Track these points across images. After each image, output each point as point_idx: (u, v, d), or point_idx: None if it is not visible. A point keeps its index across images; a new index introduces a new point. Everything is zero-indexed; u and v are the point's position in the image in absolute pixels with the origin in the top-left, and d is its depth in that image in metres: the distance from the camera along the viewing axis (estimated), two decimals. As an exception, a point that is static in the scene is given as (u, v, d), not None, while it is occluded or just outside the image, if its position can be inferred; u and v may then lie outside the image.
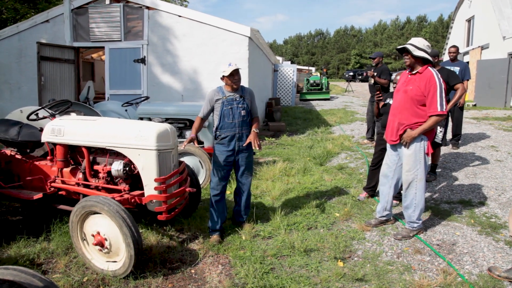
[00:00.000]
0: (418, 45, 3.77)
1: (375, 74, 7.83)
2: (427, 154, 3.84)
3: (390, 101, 4.76)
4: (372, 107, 8.19)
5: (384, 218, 4.28)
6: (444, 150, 7.28)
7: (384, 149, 4.72)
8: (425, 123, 3.73)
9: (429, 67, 3.78)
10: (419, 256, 3.62)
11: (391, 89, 5.13)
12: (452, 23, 23.09)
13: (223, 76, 3.86)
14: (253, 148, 3.93)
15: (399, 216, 4.50)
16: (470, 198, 5.04)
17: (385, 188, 4.20)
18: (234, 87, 3.89)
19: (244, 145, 3.95)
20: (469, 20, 20.38)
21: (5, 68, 10.23)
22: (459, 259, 3.53)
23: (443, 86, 3.70)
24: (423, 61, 3.81)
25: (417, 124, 3.77)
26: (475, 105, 15.33)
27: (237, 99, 3.93)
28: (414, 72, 3.85)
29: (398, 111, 3.90)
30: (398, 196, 4.67)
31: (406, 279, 3.20)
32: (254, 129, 4.02)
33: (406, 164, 3.88)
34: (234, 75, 3.86)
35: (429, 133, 3.82)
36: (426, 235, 4.06)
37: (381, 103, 4.87)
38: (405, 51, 3.83)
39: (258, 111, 4.60)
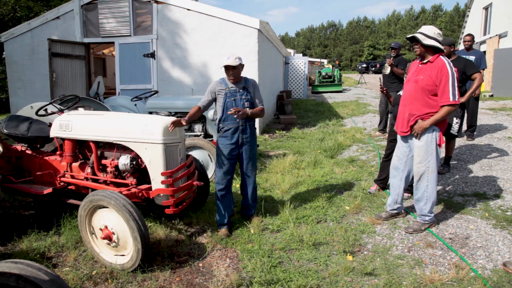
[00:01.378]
0: (428, 33, 3.65)
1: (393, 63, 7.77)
2: (439, 145, 3.74)
3: (401, 93, 4.66)
4: (385, 99, 8.07)
5: (395, 211, 4.21)
6: (458, 141, 7.13)
7: (395, 140, 4.64)
8: (436, 113, 3.63)
9: (440, 56, 3.67)
10: (430, 250, 3.54)
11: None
12: (469, 11, 22.55)
13: (224, 67, 3.84)
14: (233, 113, 3.65)
15: (410, 209, 4.41)
16: (484, 191, 4.91)
17: (396, 181, 4.12)
18: (232, 80, 3.84)
19: (228, 113, 3.73)
20: (486, 8, 19.85)
21: (19, 65, 10.38)
22: (473, 254, 3.44)
23: (455, 75, 3.58)
24: (434, 50, 3.69)
25: (428, 114, 3.67)
26: (492, 95, 14.96)
27: (240, 90, 3.86)
28: (425, 61, 3.74)
29: (408, 101, 3.80)
30: (409, 188, 4.58)
31: (417, 273, 3.14)
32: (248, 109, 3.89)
33: (417, 155, 3.79)
34: (230, 70, 3.76)
35: (441, 124, 3.72)
36: (438, 228, 3.97)
37: (389, 96, 4.80)
38: (415, 40, 3.72)
39: (269, 104, 4.60)
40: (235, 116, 3.66)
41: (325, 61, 36.36)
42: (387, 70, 7.96)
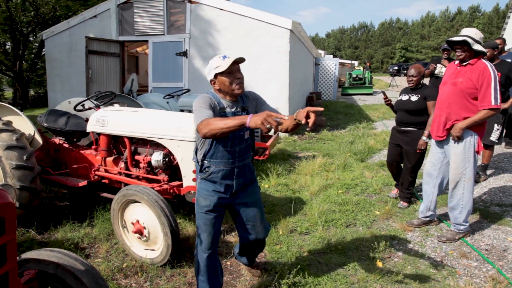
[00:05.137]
0: (476, 37, 3.50)
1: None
2: (477, 152, 3.61)
3: (402, 97, 4.57)
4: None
5: (428, 219, 4.09)
6: (496, 149, 6.86)
7: (395, 146, 4.66)
8: (475, 115, 3.48)
9: (482, 59, 3.54)
10: (465, 260, 3.42)
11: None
12: (510, 12, 21.63)
13: (216, 75, 2.41)
14: (308, 125, 2.02)
15: (444, 217, 4.28)
16: (524, 201, 4.71)
17: (429, 187, 4.00)
18: (235, 92, 2.41)
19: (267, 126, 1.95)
20: (528, 10, 18.99)
21: (57, 62, 10.78)
22: (511, 267, 3.30)
23: (497, 79, 3.44)
24: (475, 53, 3.56)
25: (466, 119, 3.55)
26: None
27: (238, 113, 2.48)
28: (464, 64, 3.60)
29: (445, 105, 3.67)
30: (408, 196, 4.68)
31: (450, 284, 3.04)
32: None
33: (454, 162, 3.67)
34: (235, 72, 2.39)
35: (479, 129, 3.58)
36: (474, 238, 3.84)
37: (389, 104, 4.71)
38: (460, 44, 3.54)
39: (298, 105, 4.28)
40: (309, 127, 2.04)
41: (355, 62, 35.85)
42: (442, 69, 7.01)
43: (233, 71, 2.38)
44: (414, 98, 4.42)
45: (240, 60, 2.37)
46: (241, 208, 2.69)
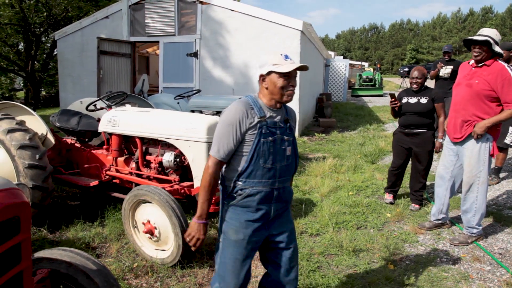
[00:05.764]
0: (495, 38, 3.44)
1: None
2: (492, 155, 3.55)
3: (408, 99, 4.54)
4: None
5: (439, 222, 4.04)
6: (509, 152, 6.75)
7: (404, 149, 4.63)
8: (499, 114, 3.42)
9: (498, 60, 3.48)
10: (478, 264, 3.37)
11: (404, 85, 4.83)
12: (522, 15, 21.33)
13: (270, 72, 2.03)
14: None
15: (456, 220, 4.23)
16: (538, 205, 4.63)
17: (441, 190, 3.95)
18: (283, 99, 2.07)
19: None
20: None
21: (69, 62, 10.89)
22: (525, 271, 3.25)
23: None
24: (493, 54, 3.50)
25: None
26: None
27: (281, 124, 2.12)
28: (480, 65, 3.54)
29: (461, 106, 3.61)
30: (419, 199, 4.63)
31: (463, 287, 2.99)
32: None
33: (468, 165, 3.61)
34: (292, 78, 2.05)
35: (495, 132, 3.53)
36: (487, 242, 3.78)
37: (397, 107, 4.61)
38: (479, 44, 3.46)
39: (309, 106, 4.11)
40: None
41: (366, 64, 35.65)
42: (445, 71, 7.38)
43: (291, 75, 2.05)
44: (423, 100, 4.43)
45: (304, 68, 2.05)
46: (277, 238, 2.19)
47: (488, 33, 3.48)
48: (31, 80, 16.54)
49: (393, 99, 4.59)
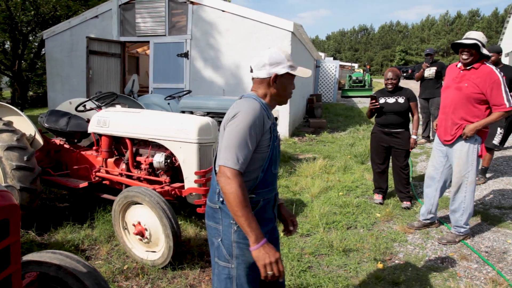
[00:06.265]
0: (483, 41, 3.51)
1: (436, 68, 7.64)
2: (480, 156, 3.61)
3: (386, 100, 4.65)
4: (426, 104, 7.84)
5: (428, 221, 4.09)
6: (495, 152, 6.87)
7: (384, 148, 4.72)
8: (489, 117, 3.49)
9: (485, 63, 3.54)
10: (465, 262, 3.42)
11: (407, 86, 4.93)
12: (509, 17, 21.69)
13: (284, 74, 1.89)
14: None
15: (444, 220, 4.29)
16: (524, 204, 4.72)
17: (431, 191, 4.00)
18: (283, 103, 2.00)
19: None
20: (527, 14, 19.04)
21: (57, 62, 10.77)
22: (511, 269, 3.31)
23: (505, 81, 3.44)
24: (480, 56, 3.56)
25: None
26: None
27: (275, 125, 1.97)
28: (468, 68, 3.60)
29: (451, 109, 3.66)
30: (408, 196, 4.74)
31: (451, 286, 3.04)
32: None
33: (457, 165, 3.67)
34: (292, 82, 1.98)
35: (483, 134, 3.59)
36: (474, 241, 3.84)
37: (375, 107, 4.71)
38: (468, 47, 3.51)
39: (299, 107, 4.12)
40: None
41: (355, 65, 35.90)
42: (430, 72, 7.67)
43: (293, 80, 1.96)
44: (401, 100, 4.60)
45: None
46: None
47: (476, 36, 3.54)
48: (18, 79, 16.31)
49: (373, 101, 4.68)
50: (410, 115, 4.71)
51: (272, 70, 1.86)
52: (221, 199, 1.83)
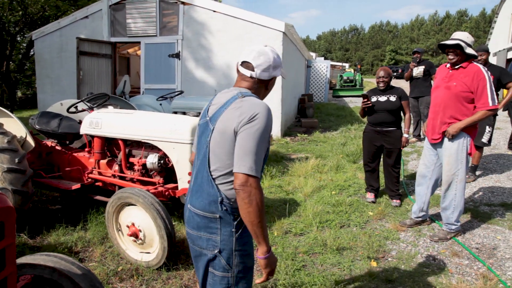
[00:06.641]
0: (467, 41, 3.57)
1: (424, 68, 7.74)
2: (470, 154, 3.67)
3: (378, 98, 4.71)
4: (417, 103, 7.94)
5: (420, 219, 4.14)
6: (484, 150, 6.96)
7: (376, 147, 4.76)
8: (473, 115, 3.54)
9: (473, 62, 3.60)
10: (456, 259, 3.47)
11: (398, 86, 4.99)
12: (496, 17, 22.01)
13: (272, 79, 1.90)
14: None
15: (435, 217, 4.34)
16: (512, 201, 4.80)
17: (422, 189, 4.05)
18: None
19: None
20: (514, 14, 19.32)
21: (47, 63, 10.67)
22: (501, 265, 3.37)
23: (491, 80, 3.51)
24: (467, 56, 3.63)
25: None
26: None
27: None
28: (456, 67, 3.66)
29: (440, 108, 3.72)
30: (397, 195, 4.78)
31: (443, 282, 3.08)
32: None
33: (447, 163, 3.72)
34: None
35: (472, 132, 3.65)
36: (465, 237, 3.90)
37: (368, 106, 4.76)
38: (453, 47, 3.59)
39: (291, 107, 4.18)
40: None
41: (346, 65, 36.09)
42: (418, 70, 7.77)
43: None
44: (392, 98, 4.65)
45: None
46: None
47: (459, 36, 3.62)
48: (6, 81, 16.12)
49: (365, 100, 4.72)
50: (402, 114, 4.76)
51: (273, 73, 1.85)
52: (224, 208, 1.72)
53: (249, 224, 1.62)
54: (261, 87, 1.87)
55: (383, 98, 4.66)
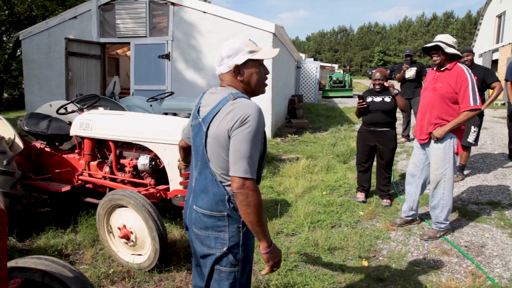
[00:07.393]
0: (447, 41, 3.67)
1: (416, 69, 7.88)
2: (457, 153, 3.73)
3: (373, 99, 4.76)
4: (408, 103, 8.05)
5: (410, 218, 4.20)
6: (472, 150, 7.07)
7: (369, 147, 4.80)
8: (457, 117, 3.62)
9: (458, 63, 3.68)
10: (446, 257, 3.53)
11: (371, 86, 5.06)
12: (481, 19, 22.39)
13: (246, 62, 1.77)
14: None
15: (425, 216, 4.40)
16: (499, 200, 4.88)
17: (412, 188, 4.11)
18: (261, 92, 1.90)
19: None
20: (499, 16, 19.68)
21: (35, 63, 10.53)
22: (489, 262, 3.43)
23: (474, 81, 3.58)
24: (451, 58, 3.71)
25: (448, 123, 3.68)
26: (504, 103, 14.84)
27: None
28: (442, 69, 3.74)
29: (427, 109, 3.79)
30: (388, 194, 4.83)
31: (433, 280, 3.13)
32: None
33: (435, 163, 3.78)
34: (265, 66, 1.89)
35: (459, 132, 3.71)
36: (454, 236, 3.96)
37: (363, 107, 4.80)
38: (434, 49, 3.70)
39: (281, 108, 4.20)
40: None
41: (336, 66, 36.31)
42: (410, 73, 7.89)
43: (264, 64, 1.85)
44: (387, 99, 4.69)
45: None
46: None
47: (439, 38, 3.73)
48: (-7, 82, 15.88)
49: (361, 100, 4.75)
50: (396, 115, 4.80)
51: (231, 62, 1.76)
52: (232, 205, 1.76)
53: (249, 224, 1.68)
54: (231, 80, 1.81)
55: (378, 99, 4.70)
